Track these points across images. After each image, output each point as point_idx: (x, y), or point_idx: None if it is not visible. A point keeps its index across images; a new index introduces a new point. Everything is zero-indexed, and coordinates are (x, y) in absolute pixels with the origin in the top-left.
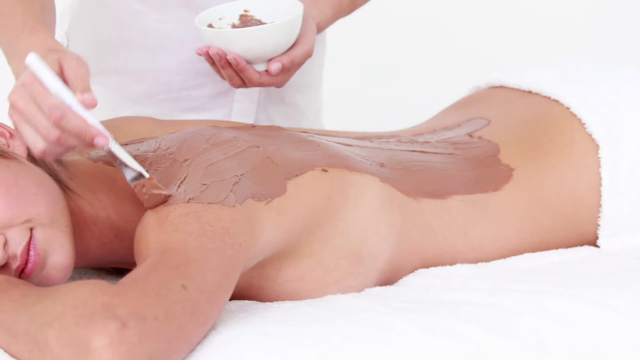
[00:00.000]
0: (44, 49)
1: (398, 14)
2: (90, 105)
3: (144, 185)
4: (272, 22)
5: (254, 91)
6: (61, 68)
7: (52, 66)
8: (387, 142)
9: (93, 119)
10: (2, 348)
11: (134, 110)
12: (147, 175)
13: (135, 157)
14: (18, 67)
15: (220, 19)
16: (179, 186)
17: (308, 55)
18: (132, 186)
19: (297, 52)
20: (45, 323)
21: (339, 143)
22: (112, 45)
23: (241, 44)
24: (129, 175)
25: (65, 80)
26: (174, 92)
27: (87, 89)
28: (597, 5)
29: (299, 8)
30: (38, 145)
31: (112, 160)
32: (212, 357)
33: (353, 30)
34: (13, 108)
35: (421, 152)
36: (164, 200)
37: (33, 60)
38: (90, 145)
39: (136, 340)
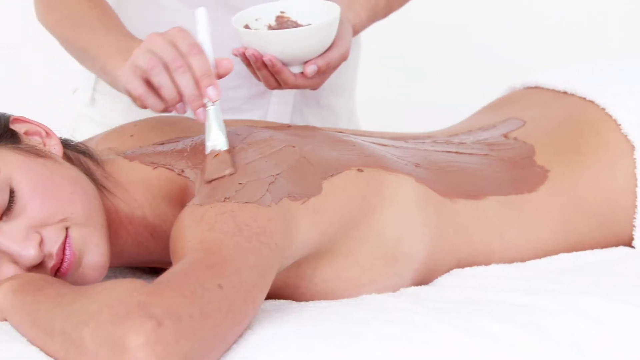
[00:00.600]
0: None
1: (433, 15)
2: (226, 69)
3: (217, 155)
4: (309, 24)
5: (289, 93)
6: None
7: None
8: (423, 142)
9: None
10: (38, 346)
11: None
12: (226, 147)
13: (171, 156)
14: (110, 62)
15: (256, 19)
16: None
17: (344, 58)
18: (207, 151)
19: (333, 54)
20: (81, 322)
21: (374, 143)
22: None
23: (278, 46)
24: (210, 141)
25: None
26: None
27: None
28: (633, 6)
29: (336, 11)
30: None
31: (202, 120)
32: (247, 356)
33: (387, 31)
34: (146, 51)
35: (456, 152)
36: (221, 177)
37: (202, 12)
38: (203, 92)
39: (172, 340)
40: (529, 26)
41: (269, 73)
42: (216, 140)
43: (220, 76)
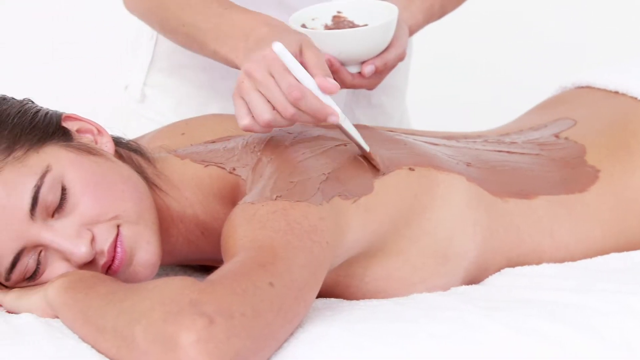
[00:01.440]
0: (261, 23)
1: (483, 13)
2: (331, 91)
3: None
4: (365, 24)
5: (341, 93)
6: (301, 50)
7: (292, 46)
8: (474, 142)
9: (327, 98)
10: (89, 344)
11: (221, 106)
12: (367, 149)
13: (222, 155)
14: (223, 48)
15: (313, 19)
16: (265, 183)
17: (401, 58)
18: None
19: (391, 55)
20: (133, 319)
21: (425, 142)
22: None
23: (336, 46)
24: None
25: (302, 62)
26: None
27: (329, 74)
28: None
29: (394, 12)
30: (265, 116)
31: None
32: (298, 354)
33: (438, 30)
34: (248, 76)
35: (508, 152)
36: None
37: (279, 48)
38: (322, 121)
39: (223, 337)
40: (580, 22)
41: None
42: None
43: None
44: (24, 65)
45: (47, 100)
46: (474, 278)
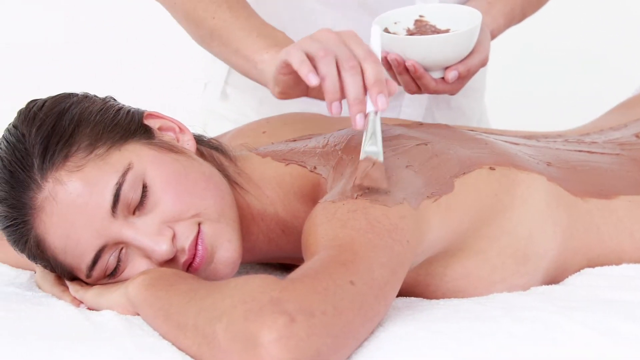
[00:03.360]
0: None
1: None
2: (392, 91)
3: (373, 164)
4: (447, 28)
5: (422, 96)
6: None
7: None
8: (554, 141)
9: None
10: (170, 341)
11: (300, 106)
12: (381, 159)
13: (303, 153)
14: (254, 47)
15: (395, 23)
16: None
17: (483, 64)
18: (362, 157)
19: (474, 60)
20: (214, 317)
21: (506, 142)
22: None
23: (420, 52)
24: (367, 147)
25: None
26: None
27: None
28: None
29: (478, 17)
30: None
31: (357, 126)
32: (378, 354)
33: (515, 28)
34: (318, 41)
35: (588, 152)
36: (371, 189)
37: (377, 30)
38: (372, 98)
39: (304, 335)
40: None
41: (410, 78)
42: (374, 149)
43: None
44: (105, 64)
45: (128, 98)
46: (554, 278)
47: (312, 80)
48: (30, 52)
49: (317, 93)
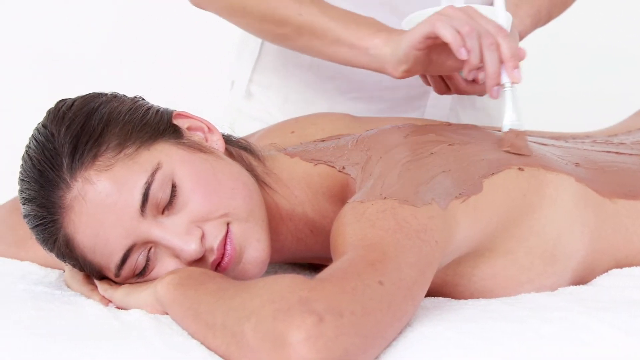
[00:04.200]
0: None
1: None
2: (522, 56)
3: (517, 134)
4: None
5: (447, 96)
6: None
7: None
8: (582, 142)
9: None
10: (199, 340)
11: (327, 106)
12: (524, 128)
13: (332, 153)
14: (357, 35)
15: None
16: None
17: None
18: (506, 129)
19: None
20: (243, 317)
21: (534, 142)
22: None
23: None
24: (507, 120)
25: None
26: (367, 91)
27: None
28: None
29: (508, 19)
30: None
31: (494, 97)
32: (407, 353)
33: (541, 30)
34: (445, 15)
35: (616, 152)
36: (520, 153)
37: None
38: (508, 72)
39: (333, 335)
40: None
41: (440, 78)
42: (514, 119)
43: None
44: (134, 63)
45: (157, 97)
46: (582, 279)
47: (462, 53)
48: (61, 54)
49: (437, 69)
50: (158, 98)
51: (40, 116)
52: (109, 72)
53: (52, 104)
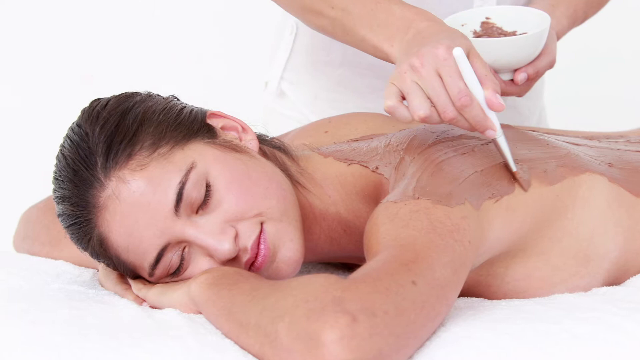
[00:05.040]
0: (422, 18)
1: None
2: (497, 108)
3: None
4: (514, 30)
5: None
6: (468, 56)
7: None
8: (616, 142)
9: (490, 111)
10: (232, 340)
11: (357, 104)
12: (514, 169)
13: (366, 153)
14: (377, 36)
15: (462, 25)
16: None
17: (551, 65)
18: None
19: (542, 62)
20: (276, 316)
21: (567, 142)
22: (348, 51)
23: (490, 54)
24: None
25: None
26: None
27: (497, 90)
28: None
29: (546, 19)
30: (421, 111)
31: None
32: (440, 353)
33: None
34: (413, 69)
35: None
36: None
37: (459, 53)
38: (477, 132)
39: (366, 335)
40: None
41: None
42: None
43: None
44: (169, 64)
45: (190, 97)
46: (615, 279)
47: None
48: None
49: None
50: (192, 98)
51: (74, 116)
52: (143, 71)
53: (86, 104)
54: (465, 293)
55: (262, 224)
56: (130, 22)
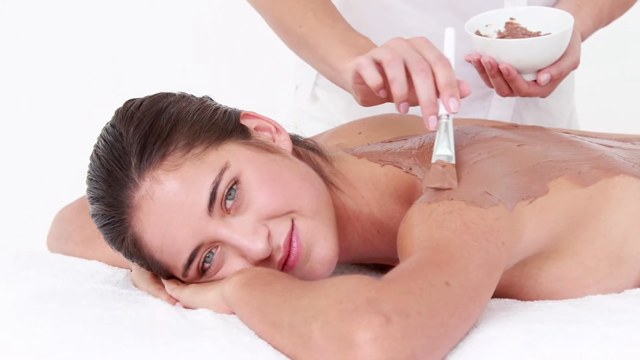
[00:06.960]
0: (362, 37)
1: None
2: (465, 92)
3: (444, 166)
4: (538, 31)
5: (511, 97)
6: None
7: None
8: None
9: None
10: (266, 340)
11: (391, 109)
12: (453, 161)
13: (399, 154)
14: (334, 54)
15: (486, 25)
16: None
17: (575, 66)
18: (434, 160)
19: (566, 63)
20: (310, 317)
21: (600, 144)
22: (375, 40)
23: (514, 55)
24: (439, 151)
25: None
26: None
27: (457, 97)
28: None
29: (570, 20)
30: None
31: (430, 128)
32: (474, 355)
33: (603, 30)
34: (387, 48)
35: None
36: (441, 189)
37: (451, 32)
38: (444, 101)
39: (400, 336)
40: None
41: (503, 81)
42: (445, 152)
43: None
44: (203, 65)
45: (224, 97)
46: None
47: (381, 94)
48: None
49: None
50: (225, 99)
51: (108, 116)
52: (177, 73)
53: (120, 105)
54: (498, 294)
55: (293, 220)
56: (160, 24)
